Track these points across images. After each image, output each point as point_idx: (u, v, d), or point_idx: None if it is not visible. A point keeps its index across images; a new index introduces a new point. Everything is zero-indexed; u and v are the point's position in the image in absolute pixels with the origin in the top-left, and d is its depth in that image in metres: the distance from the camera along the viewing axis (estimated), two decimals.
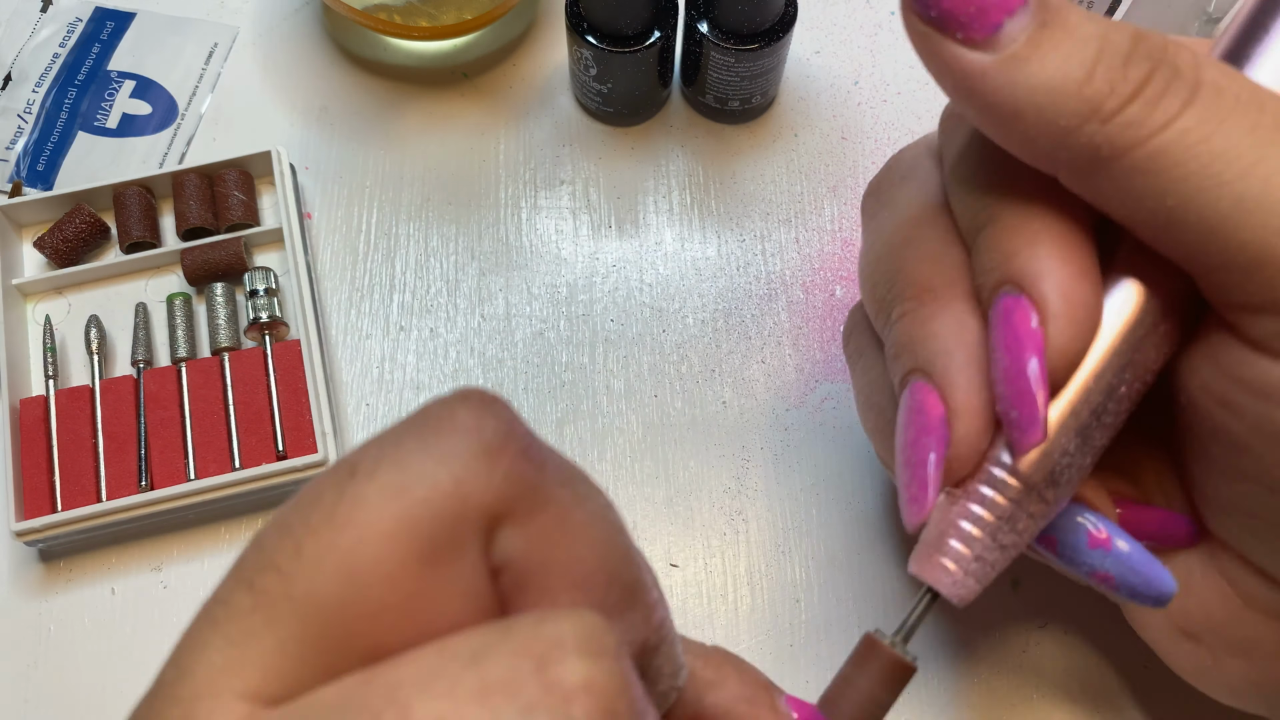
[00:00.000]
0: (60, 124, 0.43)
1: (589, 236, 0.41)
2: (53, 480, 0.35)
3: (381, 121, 0.44)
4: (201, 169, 0.40)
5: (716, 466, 0.37)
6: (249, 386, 0.37)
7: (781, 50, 0.40)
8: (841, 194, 0.42)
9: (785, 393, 0.38)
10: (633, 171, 0.43)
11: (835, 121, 0.44)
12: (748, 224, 0.42)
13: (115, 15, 0.46)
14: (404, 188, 0.42)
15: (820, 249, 0.41)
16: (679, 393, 0.38)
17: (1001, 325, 0.22)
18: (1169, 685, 0.34)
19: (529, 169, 0.43)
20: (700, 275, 0.41)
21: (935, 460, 0.22)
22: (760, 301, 0.40)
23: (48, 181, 0.42)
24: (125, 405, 0.36)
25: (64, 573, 0.36)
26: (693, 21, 0.40)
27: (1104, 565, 0.23)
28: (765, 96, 0.42)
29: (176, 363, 0.37)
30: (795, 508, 0.36)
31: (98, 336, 0.38)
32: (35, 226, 0.40)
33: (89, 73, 0.44)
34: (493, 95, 0.44)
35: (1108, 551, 0.23)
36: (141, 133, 0.43)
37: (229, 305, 0.38)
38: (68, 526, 0.34)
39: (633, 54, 0.39)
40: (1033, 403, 0.21)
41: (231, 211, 0.40)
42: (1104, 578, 0.24)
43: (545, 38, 0.46)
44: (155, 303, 0.39)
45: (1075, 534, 0.24)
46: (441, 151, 0.43)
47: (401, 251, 0.41)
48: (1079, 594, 0.35)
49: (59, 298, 0.39)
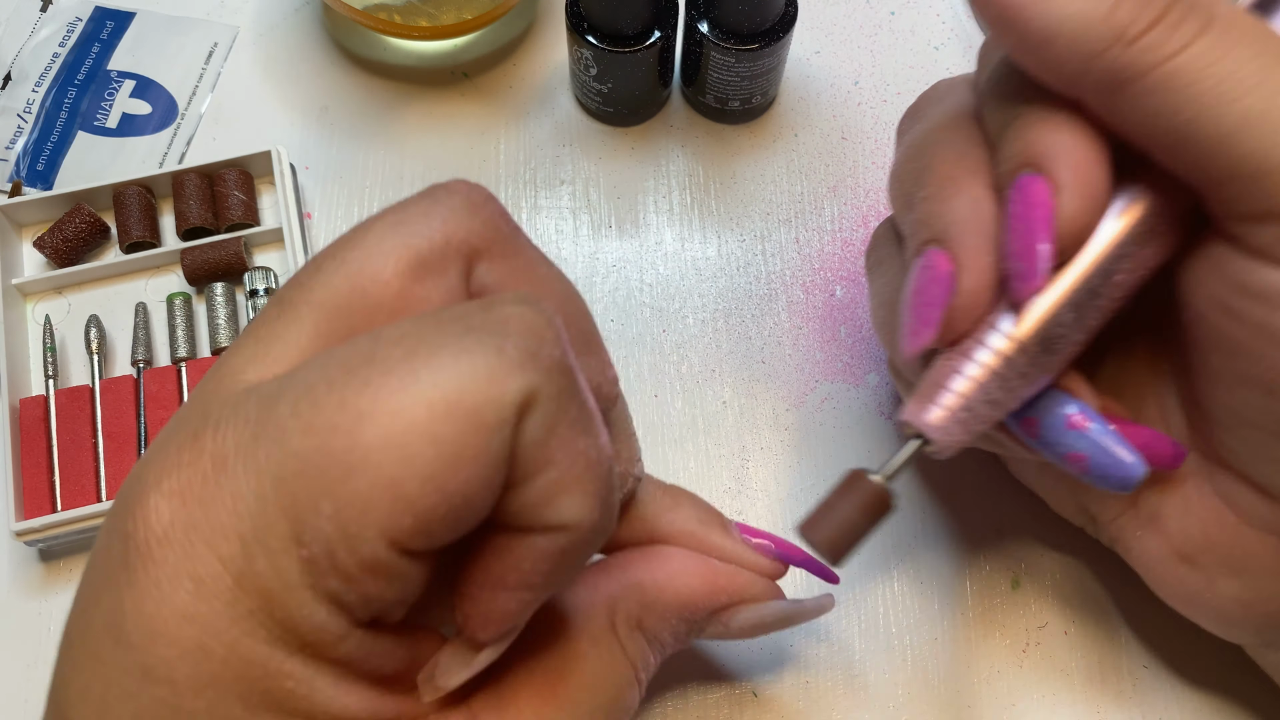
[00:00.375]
0: (60, 124, 0.43)
1: (589, 236, 0.41)
2: (53, 480, 0.35)
3: (381, 121, 0.44)
4: (201, 169, 0.40)
5: (716, 466, 0.37)
6: None
7: (781, 50, 0.40)
8: (841, 194, 0.42)
9: (785, 393, 0.38)
10: (633, 171, 0.43)
11: (835, 121, 0.44)
12: (748, 224, 0.42)
13: (115, 15, 0.46)
14: (404, 188, 0.42)
15: (820, 249, 0.41)
16: (679, 393, 0.38)
17: (1017, 195, 0.23)
18: (1169, 685, 0.34)
19: (529, 169, 0.43)
20: (700, 275, 0.41)
21: (939, 299, 0.24)
22: (760, 301, 0.40)
23: (47, 181, 0.42)
24: (125, 405, 0.36)
25: (64, 573, 0.36)
26: (693, 21, 0.40)
27: (1078, 445, 0.25)
28: (765, 96, 0.42)
29: (176, 363, 0.37)
30: (795, 508, 0.36)
31: (98, 336, 0.38)
32: (35, 226, 0.40)
33: (89, 72, 0.44)
34: (493, 95, 0.44)
35: (1083, 433, 0.25)
36: (141, 132, 0.43)
37: (229, 305, 0.38)
38: (68, 526, 0.34)
39: (633, 54, 0.39)
40: (1034, 255, 0.23)
41: (231, 211, 0.40)
42: (1077, 458, 0.25)
43: (545, 38, 0.46)
44: (155, 303, 0.39)
45: (1056, 416, 0.25)
46: (441, 151, 0.43)
47: None
48: (1079, 594, 0.35)
49: (59, 297, 0.39)
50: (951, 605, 0.35)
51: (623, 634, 0.25)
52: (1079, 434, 0.25)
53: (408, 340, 0.18)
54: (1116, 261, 0.24)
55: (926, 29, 0.46)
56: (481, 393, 0.17)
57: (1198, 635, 0.31)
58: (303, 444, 0.17)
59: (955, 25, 0.46)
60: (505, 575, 0.19)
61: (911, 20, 0.46)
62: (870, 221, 0.42)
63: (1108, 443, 0.25)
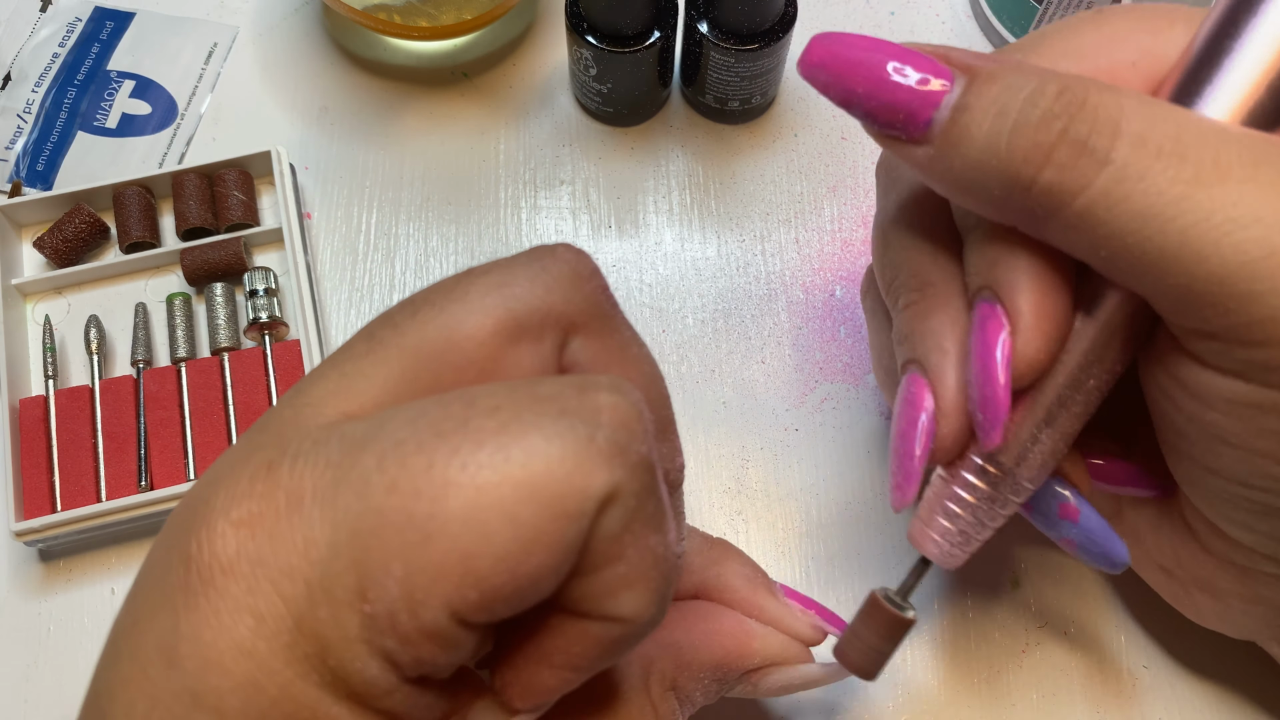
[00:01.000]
0: (60, 124, 0.43)
1: (589, 236, 0.41)
2: (52, 480, 0.35)
3: (381, 121, 0.44)
4: (201, 169, 0.40)
5: (716, 466, 0.37)
6: (249, 386, 0.37)
7: (781, 50, 0.40)
8: (841, 194, 0.42)
9: (785, 393, 0.38)
10: (633, 171, 0.43)
11: (835, 121, 0.44)
12: (748, 224, 0.42)
13: (115, 15, 0.46)
14: (404, 188, 0.42)
15: (820, 249, 0.41)
16: (679, 393, 0.38)
17: (976, 333, 0.24)
18: (1169, 685, 0.34)
19: (529, 169, 0.43)
20: (700, 275, 0.41)
21: (920, 454, 0.25)
22: (760, 302, 0.40)
23: (47, 181, 0.42)
24: (125, 405, 0.36)
25: (64, 573, 0.36)
26: (693, 21, 0.40)
27: (1070, 534, 0.27)
28: (765, 96, 0.42)
29: (176, 363, 0.37)
30: (795, 508, 0.36)
31: (97, 336, 0.38)
32: (35, 226, 0.40)
33: (89, 72, 0.44)
34: (493, 95, 0.44)
35: (1074, 523, 0.27)
36: (141, 133, 0.43)
37: (229, 305, 0.38)
38: (67, 526, 0.34)
39: (633, 54, 0.39)
40: (995, 408, 0.23)
41: (231, 211, 0.40)
42: (1069, 543, 0.27)
43: (545, 38, 0.46)
44: (155, 303, 0.39)
45: (1050, 504, 0.27)
46: (441, 151, 0.43)
47: (401, 252, 0.41)
48: (1079, 594, 0.35)
49: (59, 298, 0.39)
50: (951, 605, 0.35)
51: (655, 695, 0.25)
52: (1070, 524, 0.27)
53: (502, 413, 0.18)
54: (1088, 369, 0.24)
55: (926, 29, 0.46)
56: (567, 482, 0.17)
57: (1198, 635, 0.31)
58: (385, 502, 0.17)
59: (955, 26, 0.46)
60: (553, 654, 0.19)
61: (911, 20, 0.46)
62: (870, 221, 0.42)
63: (1094, 533, 0.27)
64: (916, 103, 0.22)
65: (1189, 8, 0.25)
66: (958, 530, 0.26)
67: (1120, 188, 0.21)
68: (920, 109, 0.22)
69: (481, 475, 0.17)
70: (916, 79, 0.22)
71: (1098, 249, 0.22)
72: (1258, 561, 0.26)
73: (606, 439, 0.17)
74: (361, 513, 0.17)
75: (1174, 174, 0.21)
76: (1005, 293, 0.23)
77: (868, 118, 0.23)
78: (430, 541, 0.17)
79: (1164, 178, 0.21)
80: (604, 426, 0.18)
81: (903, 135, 0.23)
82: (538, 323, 0.20)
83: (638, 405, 0.19)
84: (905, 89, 0.22)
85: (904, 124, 0.23)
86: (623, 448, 0.18)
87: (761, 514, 0.36)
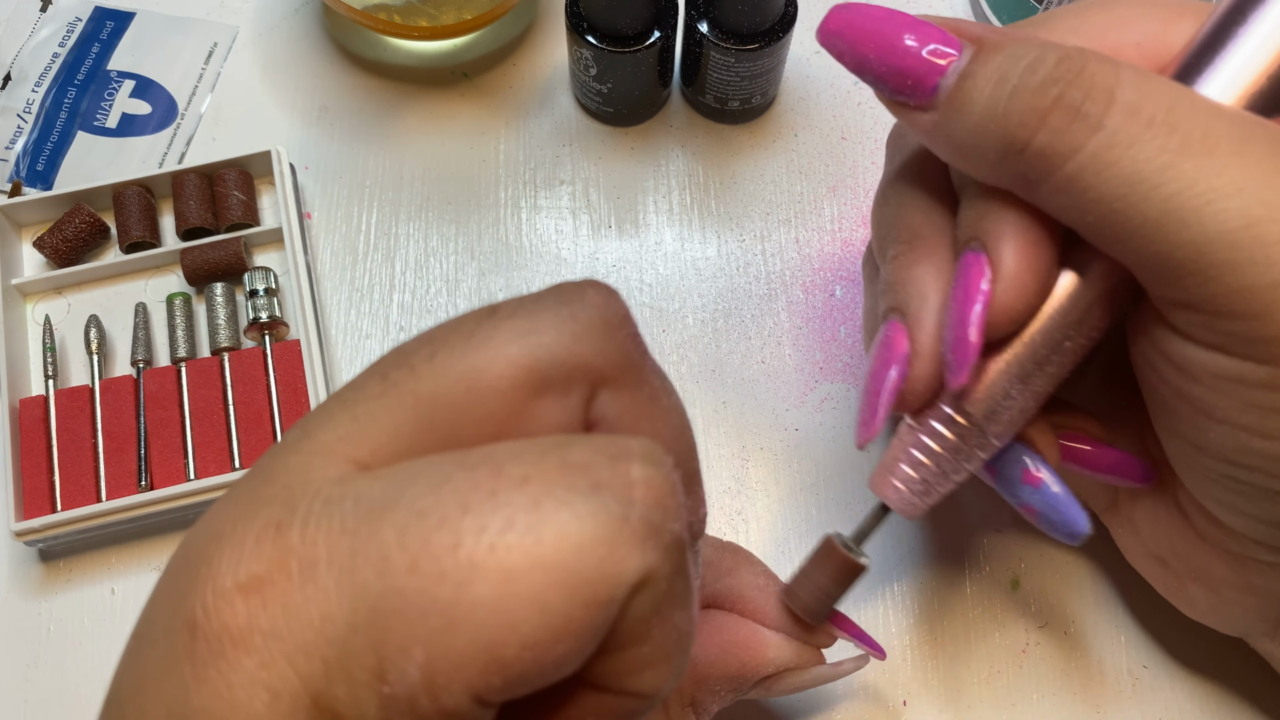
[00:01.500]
0: (60, 123, 0.43)
1: (589, 237, 0.41)
2: (52, 480, 0.35)
3: (381, 121, 0.44)
4: (201, 169, 0.40)
5: (716, 466, 0.37)
6: (249, 386, 0.37)
7: (781, 50, 0.40)
8: (841, 194, 0.42)
9: (785, 393, 0.38)
10: (633, 171, 0.43)
11: (835, 121, 0.44)
12: (748, 224, 0.42)
13: (115, 15, 0.46)
14: (404, 188, 0.42)
15: (820, 249, 0.41)
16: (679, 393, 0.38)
17: (958, 278, 0.24)
18: (1169, 685, 0.34)
19: (529, 169, 0.43)
20: (700, 275, 0.41)
21: (889, 390, 0.25)
22: (760, 301, 0.40)
23: (47, 181, 0.42)
24: (125, 405, 0.36)
25: (64, 573, 0.36)
26: (693, 21, 0.40)
27: (1031, 500, 0.27)
28: (765, 96, 0.42)
29: (176, 363, 0.37)
30: (795, 508, 0.36)
31: (97, 336, 0.38)
32: (35, 226, 0.40)
33: (89, 72, 0.44)
34: (493, 95, 0.44)
35: (1036, 489, 0.26)
36: (141, 132, 0.43)
37: (229, 305, 0.38)
38: (68, 526, 0.34)
39: (633, 54, 0.39)
40: (965, 349, 0.23)
41: (231, 211, 0.40)
42: (1030, 510, 0.27)
43: (545, 38, 0.46)
44: (155, 303, 0.39)
45: (1014, 469, 0.27)
46: (441, 151, 0.43)
47: (401, 251, 0.41)
48: (1079, 594, 0.35)
49: (59, 297, 0.39)
50: (951, 605, 0.35)
51: (674, 713, 0.25)
52: (1031, 490, 0.26)
53: (531, 486, 0.17)
54: (1066, 330, 0.24)
55: None
56: (599, 569, 0.16)
57: (1198, 635, 0.31)
58: (406, 583, 0.16)
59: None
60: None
61: None
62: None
63: (1057, 500, 0.26)
64: (924, 69, 0.23)
65: (1198, 1, 0.26)
66: (920, 479, 0.26)
67: (1109, 153, 0.21)
68: (928, 75, 0.23)
69: (510, 559, 0.16)
70: (927, 48, 0.23)
71: (1085, 214, 0.22)
72: (1251, 549, 0.26)
73: (641, 519, 0.17)
74: (382, 592, 0.16)
75: (1162, 143, 0.21)
76: (991, 242, 0.24)
77: (879, 83, 0.24)
78: (455, 628, 0.16)
79: (1152, 146, 0.21)
80: (638, 504, 0.17)
81: (911, 101, 0.24)
82: (565, 376, 0.19)
83: (671, 478, 0.18)
84: (915, 56, 0.23)
85: (912, 90, 0.23)
86: (657, 529, 0.17)
87: (761, 514, 0.36)
